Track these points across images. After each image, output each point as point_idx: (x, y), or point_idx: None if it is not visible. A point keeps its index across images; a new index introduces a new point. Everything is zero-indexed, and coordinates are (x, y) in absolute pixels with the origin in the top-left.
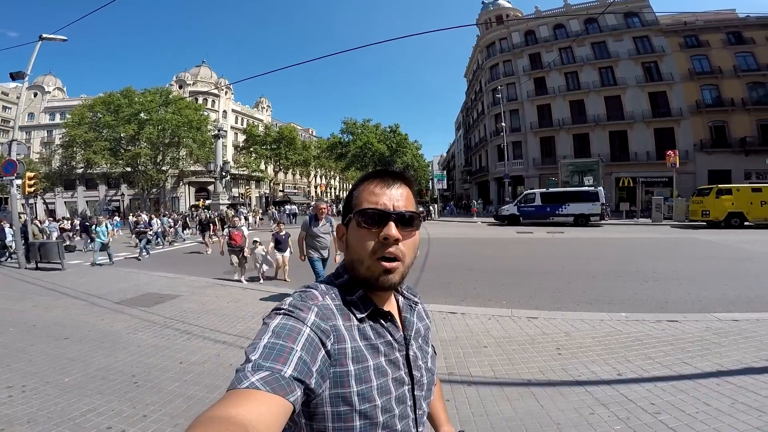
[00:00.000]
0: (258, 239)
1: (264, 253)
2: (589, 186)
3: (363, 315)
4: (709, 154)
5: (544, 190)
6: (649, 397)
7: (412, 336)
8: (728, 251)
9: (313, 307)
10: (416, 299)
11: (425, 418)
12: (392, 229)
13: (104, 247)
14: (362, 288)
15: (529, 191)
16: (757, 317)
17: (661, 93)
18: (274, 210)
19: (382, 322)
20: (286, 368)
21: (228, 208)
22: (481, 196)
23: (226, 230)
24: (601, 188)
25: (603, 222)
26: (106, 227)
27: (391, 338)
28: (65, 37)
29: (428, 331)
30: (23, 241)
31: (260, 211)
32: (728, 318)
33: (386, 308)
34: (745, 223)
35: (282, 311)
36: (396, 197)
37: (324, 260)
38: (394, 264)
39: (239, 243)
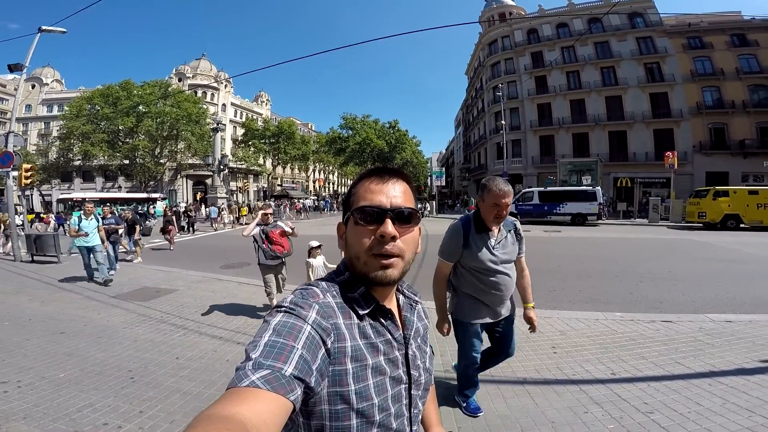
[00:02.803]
0: (317, 243)
1: (327, 266)
2: (587, 186)
3: (364, 312)
4: (708, 156)
5: (542, 188)
6: (642, 396)
7: (412, 335)
8: (723, 253)
9: (314, 304)
10: (417, 298)
11: (420, 416)
12: (388, 227)
13: (90, 251)
14: (363, 285)
15: (527, 190)
16: (750, 318)
17: (662, 94)
18: (305, 201)
19: (382, 320)
20: (287, 366)
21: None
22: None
23: (256, 229)
24: (599, 188)
25: (600, 222)
26: (97, 220)
27: (390, 337)
28: (65, 29)
29: (427, 331)
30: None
31: (247, 206)
32: (721, 319)
33: (387, 306)
34: (741, 226)
35: (283, 309)
36: (393, 194)
37: (505, 329)
38: (391, 260)
39: (287, 249)
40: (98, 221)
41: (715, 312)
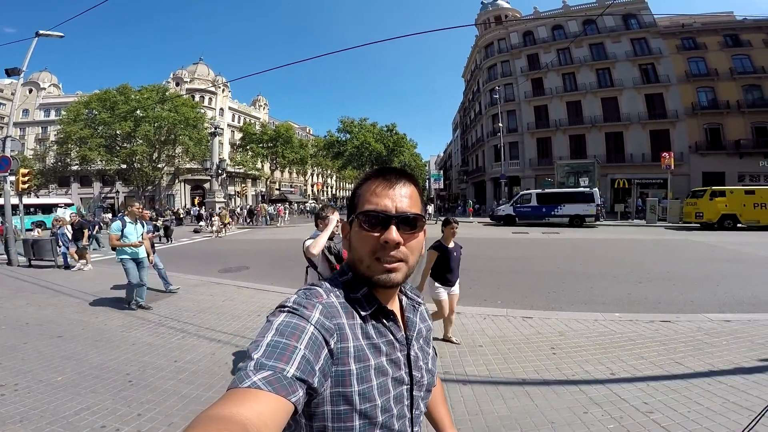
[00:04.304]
0: None
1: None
2: (584, 187)
3: (366, 313)
4: (704, 156)
5: (540, 190)
6: (642, 396)
7: (414, 336)
8: (721, 253)
9: (318, 305)
10: (419, 300)
11: (422, 417)
12: (393, 233)
13: (139, 264)
14: (366, 286)
15: (525, 192)
16: (748, 318)
17: (658, 95)
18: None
19: (385, 321)
20: (289, 367)
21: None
22: (477, 196)
23: (318, 243)
24: (596, 189)
25: (598, 223)
26: (142, 225)
27: (392, 338)
28: (62, 34)
29: (430, 332)
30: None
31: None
32: (720, 318)
33: (390, 307)
34: (738, 225)
35: (286, 309)
36: (399, 198)
37: None
38: (395, 265)
39: None
40: (144, 226)
41: (714, 312)
